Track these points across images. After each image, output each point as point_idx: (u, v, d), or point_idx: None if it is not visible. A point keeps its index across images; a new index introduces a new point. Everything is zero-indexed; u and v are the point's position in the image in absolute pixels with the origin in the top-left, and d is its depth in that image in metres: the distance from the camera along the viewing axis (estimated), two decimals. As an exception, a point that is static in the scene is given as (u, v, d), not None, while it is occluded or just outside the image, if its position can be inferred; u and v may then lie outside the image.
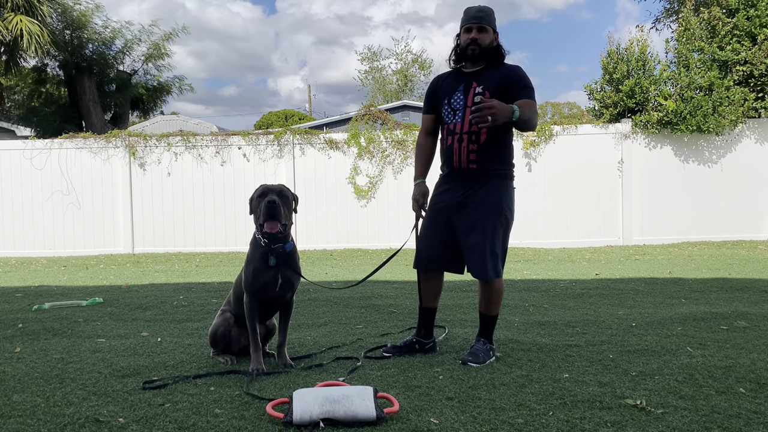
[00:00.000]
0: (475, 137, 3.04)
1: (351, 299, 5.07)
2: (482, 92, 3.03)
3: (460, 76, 3.14)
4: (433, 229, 3.18)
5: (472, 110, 2.83)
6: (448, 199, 3.14)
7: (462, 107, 3.07)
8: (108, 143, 10.14)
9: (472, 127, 3.02)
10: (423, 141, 3.34)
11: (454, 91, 3.13)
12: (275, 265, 3.01)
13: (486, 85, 3.04)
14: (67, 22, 13.53)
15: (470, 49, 3.06)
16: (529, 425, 2.24)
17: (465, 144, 3.05)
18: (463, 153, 3.06)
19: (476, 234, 3.04)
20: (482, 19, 3.06)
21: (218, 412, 2.41)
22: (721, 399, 2.49)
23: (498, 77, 3.05)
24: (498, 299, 3.14)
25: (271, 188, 3.02)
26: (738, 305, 4.52)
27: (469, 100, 3.05)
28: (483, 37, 3.05)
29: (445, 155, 3.17)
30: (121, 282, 6.57)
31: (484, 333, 3.17)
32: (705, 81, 9.32)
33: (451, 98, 3.13)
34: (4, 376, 2.98)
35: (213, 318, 3.84)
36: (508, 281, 6.03)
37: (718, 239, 9.62)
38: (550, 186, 9.85)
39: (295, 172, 10.08)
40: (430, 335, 3.31)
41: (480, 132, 3.02)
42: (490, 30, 3.07)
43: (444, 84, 3.20)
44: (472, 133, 3.04)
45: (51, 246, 10.10)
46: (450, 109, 3.13)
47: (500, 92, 3.01)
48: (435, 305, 3.32)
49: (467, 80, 3.10)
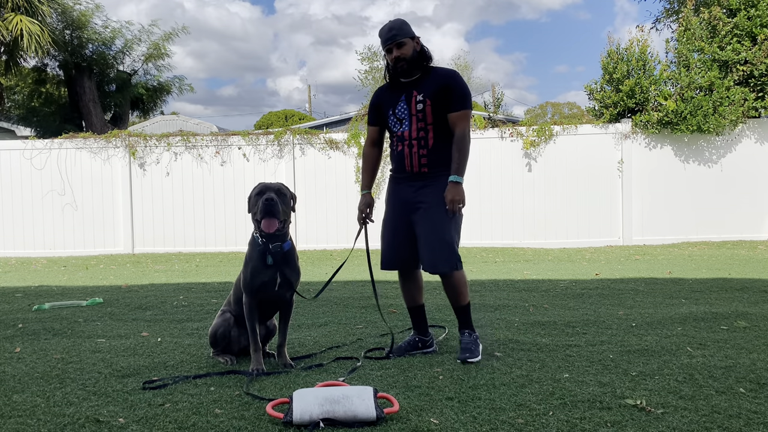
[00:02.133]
0: (423, 142, 3.20)
1: (351, 299, 5.07)
2: (423, 100, 3.20)
3: (399, 86, 3.30)
4: (393, 230, 3.31)
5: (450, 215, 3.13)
6: (402, 198, 3.28)
7: (407, 116, 3.23)
8: (108, 143, 10.14)
9: (420, 133, 3.20)
10: (368, 151, 3.48)
11: (396, 101, 3.28)
12: (273, 264, 3.01)
13: (425, 93, 3.20)
14: (67, 22, 13.53)
15: (399, 66, 3.22)
16: (529, 425, 2.24)
17: (415, 149, 3.21)
18: (415, 158, 3.22)
19: (432, 231, 3.17)
20: (396, 36, 3.20)
21: (218, 412, 2.41)
22: (721, 399, 2.49)
23: (435, 84, 3.20)
24: (463, 288, 3.26)
25: (270, 186, 3.02)
26: (738, 305, 4.52)
27: (413, 108, 3.22)
28: (404, 51, 3.20)
29: (396, 160, 3.31)
30: (121, 282, 6.57)
31: (465, 324, 3.29)
32: (705, 81, 9.32)
33: (395, 108, 3.28)
34: (4, 376, 2.98)
35: (213, 318, 3.85)
36: (508, 281, 6.04)
37: (718, 239, 9.62)
38: (550, 186, 9.85)
39: (295, 172, 10.08)
40: (427, 331, 3.41)
41: (428, 137, 3.21)
42: (407, 40, 3.21)
43: (386, 96, 3.35)
44: (421, 139, 3.21)
45: (51, 246, 10.10)
46: (396, 118, 3.28)
47: (438, 98, 3.18)
48: (420, 302, 3.41)
49: (407, 90, 3.26)
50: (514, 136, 9.89)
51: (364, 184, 3.44)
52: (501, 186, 9.86)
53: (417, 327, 3.39)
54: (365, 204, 3.38)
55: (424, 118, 3.18)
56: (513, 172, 9.88)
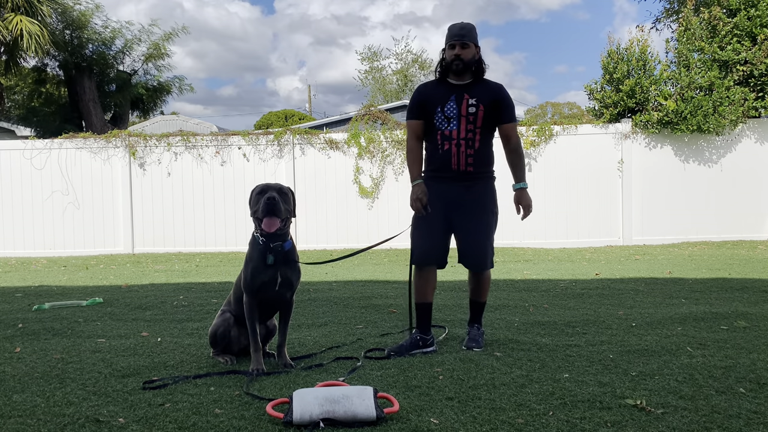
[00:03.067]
0: (471, 143, 3.33)
1: (351, 299, 5.07)
2: (476, 104, 3.32)
3: (449, 87, 3.38)
4: (431, 227, 3.37)
5: (523, 217, 3.49)
6: (445, 198, 3.37)
7: (456, 115, 3.32)
8: (108, 143, 10.14)
9: (468, 134, 3.32)
10: (414, 145, 3.50)
11: (446, 100, 3.35)
12: (274, 263, 3.01)
13: (479, 99, 3.32)
14: (67, 22, 13.53)
15: (455, 64, 3.32)
16: (529, 425, 2.24)
17: (463, 149, 3.32)
18: (462, 157, 3.33)
19: (478, 231, 3.38)
20: (464, 36, 3.31)
21: (218, 412, 2.41)
22: (721, 399, 2.49)
23: (488, 92, 3.35)
24: (488, 286, 3.59)
25: (271, 186, 3.03)
26: (738, 305, 4.52)
27: (463, 110, 3.32)
28: (466, 52, 3.31)
29: (440, 159, 3.37)
30: (121, 282, 6.58)
31: (477, 319, 3.54)
32: (705, 81, 9.32)
33: (444, 107, 3.35)
34: (4, 376, 2.98)
35: (213, 318, 3.85)
36: (508, 281, 6.04)
37: (718, 239, 9.62)
38: (550, 186, 9.84)
39: (295, 172, 10.07)
40: (429, 330, 3.44)
41: (475, 139, 3.33)
42: (471, 45, 3.32)
43: (434, 93, 3.41)
44: (469, 140, 3.32)
45: (51, 246, 10.10)
46: (444, 116, 3.35)
47: (491, 107, 3.33)
48: (430, 300, 3.47)
49: (458, 92, 3.35)
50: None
51: (416, 174, 3.43)
52: (501, 186, 9.83)
53: (422, 325, 3.41)
54: (423, 191, 3.35)
55: (474, 121, 3.31)
56: (513, 172, 9.86)
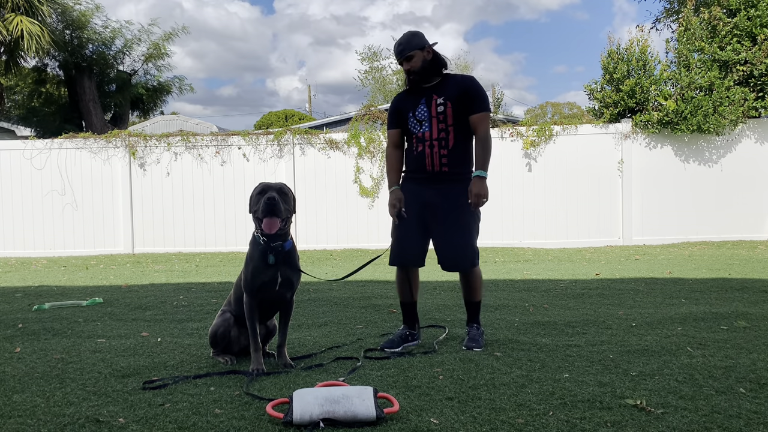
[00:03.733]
0: (444, 143, 3.33)
1: (351, 299, 5.07)
2: (444, 102, 3.33)
3: (419, 91, 3.42)
4: (407, 228, 3.42)
5: (472, 208, 3.31)
6: (420, 199, 3.38)
7: (427, 117, 3.35)
8: (108, 143, 10.14)
9: (440, 134, 3.33)
10: (392, 152, 3.57)
11: (417, 104, 3.40)
12: (274, 263, 3.01)
13: (446, 96, 3.33)
14: (67, 22, 13.53)
15: (411, 78, 3.38)
16: (529, 425, 2.24)
17: (436, 149, 3.33)
18: (436, 158, 3.34)
19: (453, 233, 3.34)
20: (403, 51, 3.35)
21: (218, 412, 2.41)
22: (721, 399, 2.49)
23: (455, 88, 3.34)
24: (480, 285, 3.49)
25: (271, 185, 3.03)
26: (738, 305, 4.52)
27: (433, 110, 3.35)
28: (413, 63, 3.35)
29: (416, 161, 3.41)
30: (121, 282, 6.58)
31: (474, 318, 3.50)
32: (705, 81, 9.32)
33: (415, 111, 3.40)
34: (4, 376, 2.98)
35: (213, 318, 3.85)
36: (508, 281, 6.04)
37: (718, 239, 9.62)
38: (550, 186, 9.85)
39: (295, 172, 10.08)
40: (415, 325, 3.58)
41: (448, 138, 3.33)
42: (416, 53, 3.34)
43: (406, 100, 3.47)
44: (441, 139, 3.33)
45: (51, 246, 10.10)
46: (416, 120, 3.39)
47: (459, 101, 3.32)
48: (414, 299, 3.57)
49: (427, 94, 3.39)
50: (514, 136, 9.90)
51: (393, 181, 3.52)
52: (501, 186, 9.85)
53: (408, 321, 3.57)
54: (397, 198, 3.44)
55: (445, 120, 3.31)
56: (513, 172, 9.88)
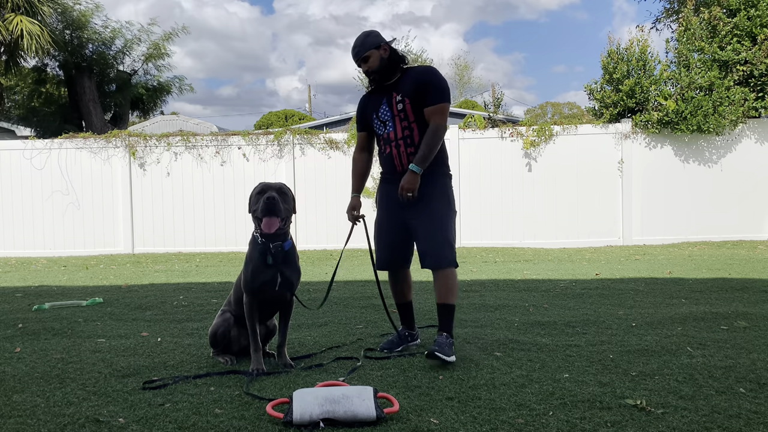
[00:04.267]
0: (410, 140, 3.24)
1: (351, 299, 5.07)
2: (402, 99, 3.24)
3: (381, 90, 3.35)
4: (388, 230, 3.38)
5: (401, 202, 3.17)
6: (395, 198, 3.26)
7: (390, 117, 3.28)
8: (108, 143, 10.14)
9: (405, 132, 3.24)
10: (357, 157, 3.53)
11: (379, 105, 3.33)
12: (274, 263, 3.01)
13: (404, 92, 3.24)
14: (67, 22, 13.52)
15: (371, 78, 3.32)
16: (529, 425, 2.24)
17: (402, 149, 3.25)
18: (403, 157, 3.26)
19: (426, 227, 3.21)
20: (359, 52, 3.27)
21: (218, 412, 2.41)
22: (721, 399, 2.49)
23: (411, 82, 3.24)
24: (454, 287, 3.24)
25: (271, 185, 3.03)
26: (738, 305, 4.52)
27: (394, 109, 3.27)
28: (371, 63, 3.26)
29: (386, 163, 3.36)
30: (121, 282, 6.57)
31: (446, 326, 3.21)
32: (705, 81, 9.32)
33: (378, 112, 3.34)
34: (4, 376, 2.98)
35: (213, 318, 3.85)
36: (508, 281, 6.04)
37: (718, 239, 9.62)
38: (550, 186, 9.85)
39: (295, 172, 10.08)
40: (413, 325, 3.56)
41: (413, 135, 3.23)
42: (372, 52, 3.26)
43: (369, 101, 3.42)
44: (406, 138, 3.25)
45: (51, 246, 10.10)
46: (380, 121, 3.34)
47: (416, 95, 3.21)
48: (409, 299, 3.53)
49: (387, 92, 3.31)
50: (514, 136, 9.90)
51: (354, 187, 3.52)
52: (501, 186, 9.86)
53: (406, 321, 3.54)
54: (352, 206, 3.45)
55: (406, 117, 3.23)
56: (513, 172, 9.88)
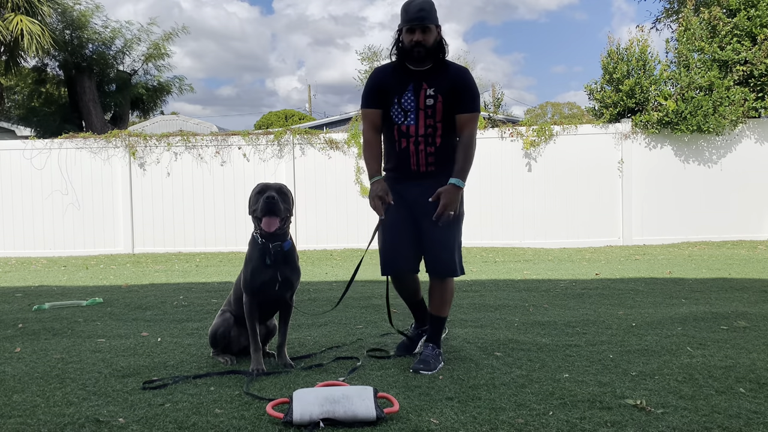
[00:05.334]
0: (431, 139, 2.96)
1: (351, 299, 5.07)
2: (434, 95, 2.94)
3: (407, 73, 2.98)
4: (396, 231, 3.04)
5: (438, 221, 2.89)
6: (407, 198, 3.03)
7: (414, 108, 2.96)
8: (108, 143, 10.14)
9: (427, 130, 2.95)
10: (372, 137, 3.08)
11: (404, 90, 2.98)
12: (273, 263, 3.01)
13: (437, 88, 2.94)
14: (67, 22, 13.53)
15: (416, 51, 2.91)
16: (529, 425, 2.24)
17: (422, 147, 2.97)
18: (422, 156, 2.99)
19: (443, 233, 2.97)
20: (424, 18, 2.88)
21: (218, 412, 2.41)
22: (721, 399, 2.49)
23: (447, 80, 2.95)
24: (450, 299, 3.11)
25: (270, 185, 3.03)
26: (738, 305, 4.52)
27: (421, 102, 2.95)
28: (427, 37, 2.90)
29: (398, 158, 3.03)
30: (121, 282, 6.57)
31: (434, 337, 3.08)
32: (705, 81, 9.32)
33: (401, 97, 2.98)
34: (4, 376, 2.98)
35: (213, 318, 3.84)
36: (508, 281, 6.04)
37: (718, 239, 9.62)
38: (550, 186, 9.85)
39: (295, 172, 10.08)
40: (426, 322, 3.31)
41: (435, 135, 2.96)
42: (433, 28, 2.91)
43: (390, 80, 3.02)
44: (428, 136, 2.96)
45: (51, 246, 10.10)
46: (401, 109, 2.98)
47: (450, 96, 2.95)
48: (420, 297, 3.36)
49: (416, 80, 2.96)
50: (514, 136, 9.90)
51: (374, 170, 3.05)
52: (501, 186, 9.86)
53: (420, 319, 3.38)
54: (383, 190, 2.99)
55: (434, 115, 2.93)
56: (513, 172, 9.89)
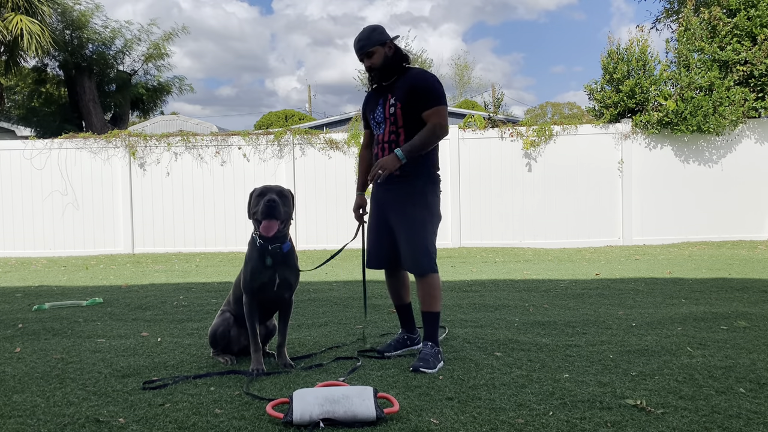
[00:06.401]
0: (395, 145, 3.18)
1: (351, 299, 5.07)
2: (394, 103, 3.18)
3: (379, 91, 3.32)
4: (376, 230, 3.34)
5: (370, 176, 3.11)
6: (379, 199, 3.30)
7: (383, 119, 3.24)
8: (108, 143, 10.14)
9: (391, 136, 3.19)
10: (363, 154, 3.52)
11: (376, 105, 3.30)
12: (272, 264, 3.01)
13: (397, 96, 3.18)
14: (67, 22, 13.53)
15: (372, 74, 3.26)
16: (529, 425, 2.24)
17: (387, 152, 3.20)
18: None
19: (409, 231, 3.14)
20: (364, 47, 3.19)
21: (218, 412, 2.41)
22: (721, 399, 2.49)
23: (405, 86, 3.18)
24: (437, 294, 3.16)
25: (271, 188, 3.03)
26: (738, 305, 4.52)
27: (386, 111, 3.22)
28: (374, 60, 3.20)
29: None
30: (121, 282, 6.58)
31: (430, 335, 3.14)
32: (705, 81, 9.32)
33: (374, 112, 3.31)
34: (4, 376, 2.98)
35: (213, 318, 3.85)
36: (508, 281, 6.03)
37: (718, 239, 9.62)
38: (550, 186, 9.85)
39: (296, 172, 10.08)
40: (414, 329, 3.44)
41: (398, 140, 3.17)
42: (376, 48, 3.19)
43: (370, 101, 3.38)
44: (392, 142, 3.20)
45: (51, 246, 10.10)
46: (375, 122, 3.31)
47: (408, 100, 3.15)
48: (406, 301, 3.43)
49: (384, 93, 3.27)
50: (514, 136, 9.90)
51: (359, 185, 3.49)
52: (501, 186, 9.86)
53: (405, 325, 3.44)
54: (357, 205, 3.44)
55: (396, 122, 3.18)
56: (513, 172, 9.89)
